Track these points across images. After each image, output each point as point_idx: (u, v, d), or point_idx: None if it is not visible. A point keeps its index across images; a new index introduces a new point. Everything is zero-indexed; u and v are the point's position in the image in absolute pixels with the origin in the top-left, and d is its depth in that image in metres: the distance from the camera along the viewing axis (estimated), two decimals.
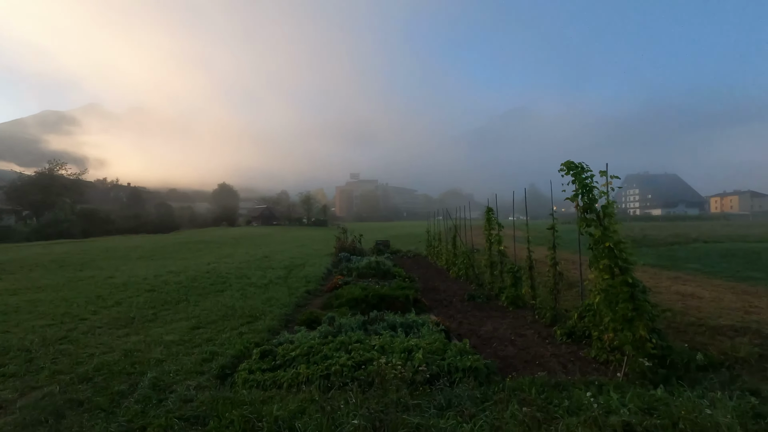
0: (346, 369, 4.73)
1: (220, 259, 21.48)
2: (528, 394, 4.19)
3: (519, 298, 10.25)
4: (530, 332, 7.85)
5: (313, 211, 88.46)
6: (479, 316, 9.43)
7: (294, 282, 13.81)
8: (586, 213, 5.58)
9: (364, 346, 5.35)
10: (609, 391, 4.28)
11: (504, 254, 11.92)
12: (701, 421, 3.15)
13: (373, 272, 15.90)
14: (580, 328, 7.21)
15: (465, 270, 15.51)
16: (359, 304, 9.66)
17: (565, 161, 5.71)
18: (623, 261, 5.34)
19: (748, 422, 3.33)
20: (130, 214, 70.67)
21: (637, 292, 5.26)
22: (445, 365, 4.81)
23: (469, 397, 3.80)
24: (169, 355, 6.11)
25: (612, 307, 5.32)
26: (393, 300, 9.87)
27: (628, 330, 5.23)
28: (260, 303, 10.31)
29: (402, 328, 6.85)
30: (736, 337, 6.77)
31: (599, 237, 5.47)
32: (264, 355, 5.60)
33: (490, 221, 12.78)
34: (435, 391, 3.97)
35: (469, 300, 11.25)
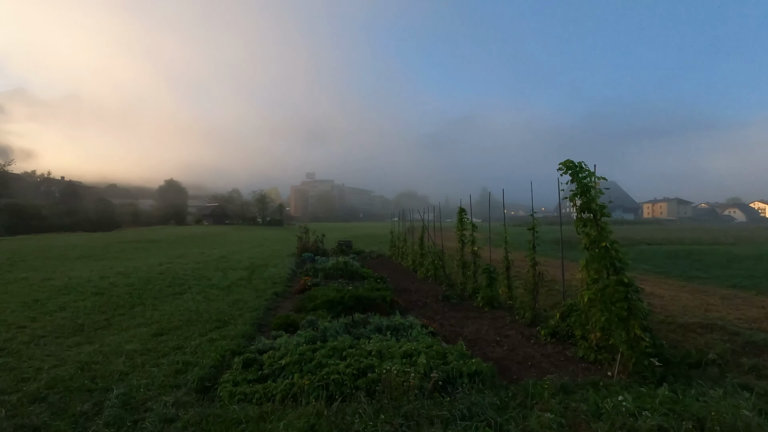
0: (346, 378, 4.36)
1: (173, 259, 20.05)
2: (541, 399, 4.05)
3: (495, 299, 10.28)
4: (513, 333, 7.83)
5: (268, 210, 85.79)
6: (458, 317, 9.32)
7: (259, 283, 13.08)
8: (583, 213, 5.58)
9: (359, 351, 4.99)
10: (617, 393, 4.24)
11: (477, 255, 11.97)
12: (729, 420, 3.12)
13: (340, 273, 15.49)
14: (563, 328, 7.27)
15: (434, 271, 15.46)
16: (335, 307, 9.24)
17: (564, 160, 5.68)
18: (619, 261, 5.38)
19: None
20: (65, 210, 64.80)
21: (632, 292, 5.31)
22: (449, 370, 4.57)
23: (490, 405, 3.58)
24: (133, 366, 5.42)
25: (608, 307, 5.33)
26: (370, 302, 9.53)
27: (623, 329, 5.26)
28: (226, 306, 9.61)
29: (389, 332, 6.57)
30: (705, 334, 7.11)
31: (596, 237, 5.49)
32: (247, 364, 5.09)
33: (463, 222, 12.80)
34: (453, 399, 3.71)
35: (443, 300, 11.15)
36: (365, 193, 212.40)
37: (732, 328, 7.30)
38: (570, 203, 5.84)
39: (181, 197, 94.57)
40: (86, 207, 70.55)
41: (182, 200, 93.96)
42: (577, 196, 5.58)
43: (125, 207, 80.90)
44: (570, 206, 6.32)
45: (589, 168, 5.56)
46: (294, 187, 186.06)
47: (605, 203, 5.97)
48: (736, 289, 11.84)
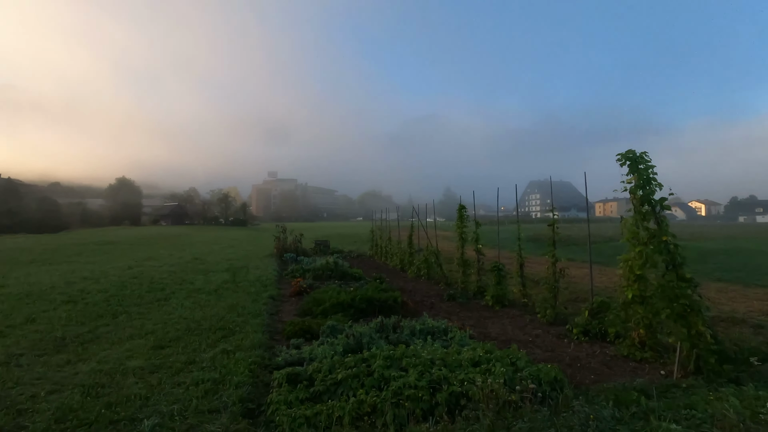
0: (422, 393, 3.84)
1: (141, 262, 18.50)
2: (635, 404, 3.73)
3: (504, 297, 10.05)
4: (540, 332, 7.58)
5: (231, 210, 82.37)
6: (473, 316, 8.99)
7: (247, 286, 12.19)
8: (643, 206, 5.36)
9: (420, 361, 4.48)
10: (706, 395, 4.00)
11: (481, 252, 11.73)
12: None
13: (330, 273, 14.85)
14: (594, 325, 7.09)
15: (426, 269, 15.14)
16: (346, 309, 8.67)
17: (625, 151, 5.44)
18: (679, 257, 5.19)
19: None
20: (4, 211, 59.11)
21: (692, 288, 5.15)
22: (527, 377, 4.16)
23: (611, 417, 3.21)
24: (150, 388, 4.61)
25: (669, 303, 5.12)
26: (381, 303, 9.04)
27: (684, 326, 5.08)
28: (224, 312, 8.76)
29: (428, 336, 6.09)
30: (730, 327, 7.16)
31: (655, 231, 5.28)
32: (293, 380, 4.44)
33: (463, 219, 12.52)
34: (571, 412, 3.29)
35: (449, 300, 10.81)
36: (329, 193, 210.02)
37: (753, 320, 7.42)
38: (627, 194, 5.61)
39: (135, 196, 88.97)
40: (28, 207, 64.78)
41: (136, 200, 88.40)
42: (639, 189, 5.34)
43: (72, 207, 74.90)
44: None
45: (648, 159, 5.34)
46: (256, 186, 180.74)
47: None
48: (723, 283, 12.32)
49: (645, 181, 5.30)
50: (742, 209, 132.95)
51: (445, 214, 41.22)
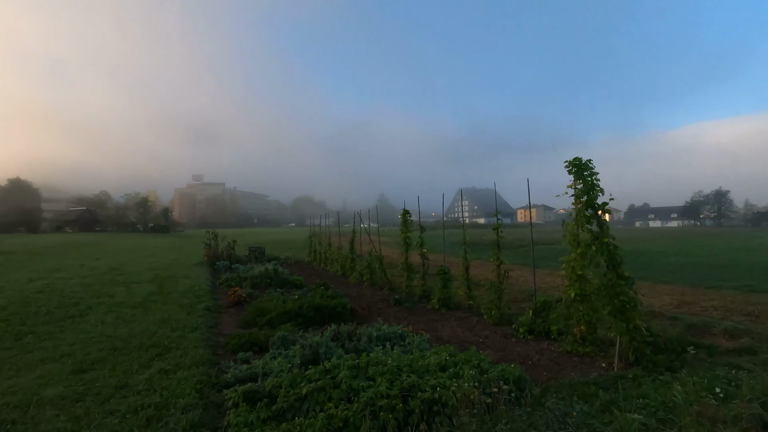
0: (396, 401, 3.71)
1: (47, 274, 16.22)
2: (594, 398, 3.93)
3: (450, 300, 10.28)
4: (488, 332, 7.82)
5: (151, 215, 75.77)
6: (422, 320, 9.05)
7: (179, 298, 11.19)
8: (587, 210, 5.73)
9: (387, 368, 4.34)
10: (651, 384, 4.34)
11: (426, 257, 11.89)
12: None
13: (270, 281, 14.22)
14: (538, 324, 7.47)
15: (369, 275, 15.06)
16: (294, 319, 8.29)
17: (572, 158, 5.78)
18: (618, 257, 5.63)
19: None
20: None
21: (629, 285, 5.60)
22: (493, 379, 4.21)
23: (581, 412, 3.32)
24: (76, 420, 3.96)
25: (611, 300, 5.52)
26: (330, 311, 8.76)
27: (623, 320, 5.50)
28: (155, 327, 7.92)
29: (387, 342, 5.98)
30: (651, 320, 7.92)
31: (598, 233, 5.67)
32: (251, 397, 4.08)
33: (407, 224, 12.65)
34: (546, 410, 3.33)
35: (395, 305, 10.82)
36: (260, 198, 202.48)
37: (668, 313, 8.29)
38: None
39: (33, 200, 78.60)
40: None
41: (34, 204, 78.11)
42: (584, 194, 5.71)
43: None
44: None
45: (593, 167, 5.73)
46: (179, 189, 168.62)
47: None
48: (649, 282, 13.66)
49: (589, 187, 5.70)
50: (638, 215, 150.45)
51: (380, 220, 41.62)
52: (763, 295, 10.31)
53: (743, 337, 6.53)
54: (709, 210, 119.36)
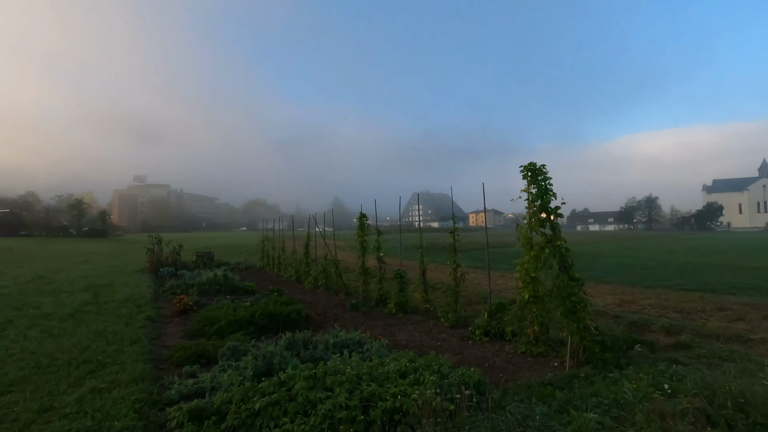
0: (356, 413, 3.55)
1: None
2: (551, 398, 4.00)
3: (407, 304, 10.26)
4: (445, 336, 7.85)
5: (86, 218, 70.08)
6: (381, 324, 8.95)
7: (116, 308, 10.33)
8: (541, 213, 5.88)
9: (345, 378, 4.16)
10: (602, 382, 4.49)
11: (383, 261, 11.81)
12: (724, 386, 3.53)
13: (219, 288, 13.55)
14: (494, 326, 7.60)
15: (325, 279, 14.76)
16: (246, 327, 7.89)
17: (527, 163, 5.91)
18: (570, 259, 5.82)
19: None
20: None
21: (579, 286, 5.80)
22: (454, 383, 4.16)
23: (541, 413, 3.33)
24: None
25: (563, 301, 5.69)
26: (284, 318, 8.44)
27: (574, 321, 5.69)
28: (88, 341, 7.22)
29: (344, 350, 5.80)
30: (596, 319, 8.31)
31: (551, 236, 5.84)
32: (197, 415, 3.75)
33: (363, 228, 12.52)
34: (505, 412, 3.30)
35: (352, 310, 10.64)
36: (209, 201, 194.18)
37: (612, 312, 8.74)
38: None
39: None
40: None
41: None
42: (538, 198, 5.86)
43: None
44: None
45: (546, 172, 5.90)
46: (119, 191, 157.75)
47: None
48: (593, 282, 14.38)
49: (543, 191, 5.86)
50: (579, 220, 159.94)
51: (335, 224, 41.17)
52: (692, 293, 11.18)
53: (679, 333, 7.00)
54: (640, 215, 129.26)
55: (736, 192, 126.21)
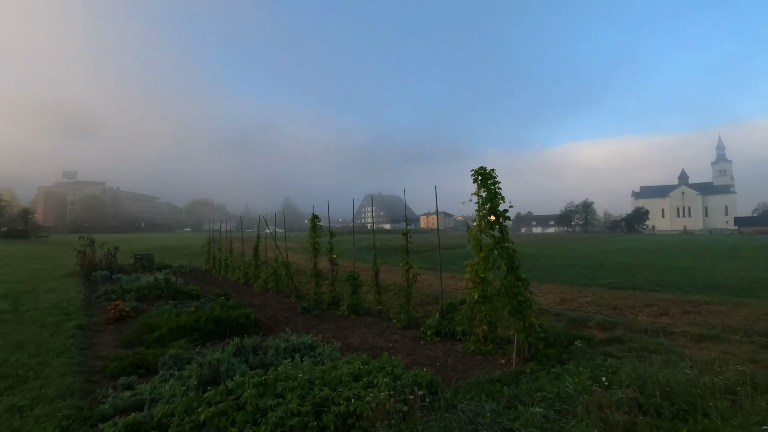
0: (308, 419, 3.46)
1: None
2: (500, 395, 4.14)
3: (359, 305, 10.24)
4: (398, 337, 7.90)
5: (5, 217, 63.25)
6: (333, 327, 8.85)
7: (40, 316, 9.41)
8: (490, 216, 6.08)
9: (299, 382, 4.06)
10: (546, 377, 4.72)
11: (335, 263, 11.69)
12: (655, 376, 3.84)
13: (160, 292, 12.80)
14: (445, 326, 7.76)
15: (275, 282, 14.38)
16: (190, 334, 7.49)
17: (478, 167, 6.08)
18: (517, 260, 6.07)
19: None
20: None
21: (525, 286, 6.07)
22: (407, 384, 4.19)
23: (490, 410, 3.42)
24: None
25: (510, 300, 5.92)
26: (232, 323, 8.11)
27: (520, 319, 5.94)
28: (5, 354, 6.51)
29: (296, 354, 5.66)
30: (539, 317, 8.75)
31: (499, 238, 6.05)
32: (135, 430, 3.49)
33: (316, 229, 12.33)
34: (457, 410, 3.36)
35: (303, 313, 10.46)
36: (149, 200, 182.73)
37: (553, 310, 9.23)
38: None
39: None
40: None
41: None
42: (488, 201, 6.05)
43: None
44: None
45: (495, 176, 6.11)
46: (44, 188, 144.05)
47: None
48: (536, 282, 15.09)
49: (492, 195, 6.08)
50: (523, 222, 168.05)
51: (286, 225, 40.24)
52: (623, 291, 12.08)
53: (613, 328, 7.53)
54: (578, 218, 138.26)
55: (660, 198, 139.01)
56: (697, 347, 6.36)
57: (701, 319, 8.24)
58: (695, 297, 10.64)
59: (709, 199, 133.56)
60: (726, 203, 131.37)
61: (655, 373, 3.94)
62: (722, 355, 5.67)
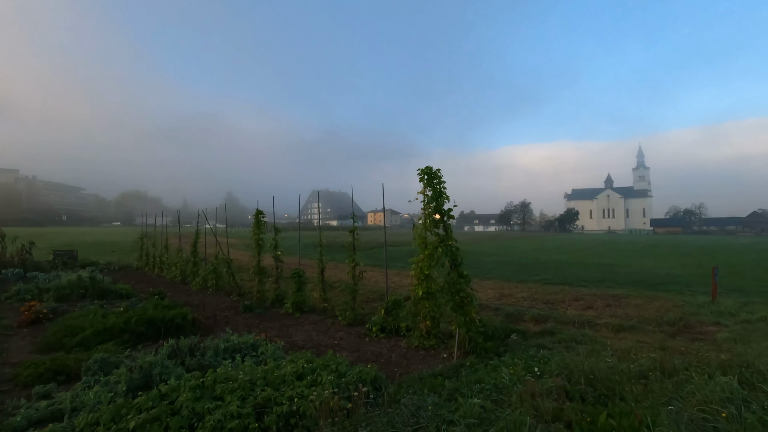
0: (249, 421, 3.35)
1: None
2: (441, 388, 4.29)
3: (304, 303, 10.09)
4: (343, 334, 7.89)
5: None
6: (276, 326, 8.64)
7: None
8: (435, 215, 6.23)
9: (239, 383, 3.92)
10: (484, 369, 4.95)
11: (280, 260, 11.41)
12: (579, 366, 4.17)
13: (84, 292, 11.83)
14: (390, 322, 7.86)
15: (215, 280, 13.77)
16: (119, 336, 6.97)
17: (424, 167, 6.19)
18: (460, 257, 6.28)
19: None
20: None
21: (467, 282, 6.30)
22: (352, 381, 4.20)
23: (432, 403, 3.52)
24: None
25: (453, 296, 6.13)
26: (167, 324, 7.67)
27: (461, 314, 6.17)
28: None
29: (237, 355, 5.46)
30: (480, 312, 9.15)
31: (444, 236, 6.23)
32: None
33: (260, 225, 11.98)
34: (400, 405, 3.41)
35: (246, 312, 10.11)
36: (72, 191, 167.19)
37: (492, 305, 9.69)
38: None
39: None
40: None
41: None
42: (433, 200, 6.19)
43: None
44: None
45: (441, 176, 6.27)
46: None
47: None
48: (477, 278, 15.69)
49: (438, 194, 6.24)
50: (466, 221, 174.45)
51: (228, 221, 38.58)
52: (555, 286, 12.95)
53: (545, 321, 8.05)
54: (516, 218, 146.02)
55: (588, 200, 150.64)
56: (617, 337, 6.98)
57: (621, 312, 9.04)
58: (616, 291, 11.66)
59: (630, 202, 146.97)
60: (644, 206, 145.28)
61: (581, 362, 4.28)
62: (638, 343, 6.26)
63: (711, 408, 3.20)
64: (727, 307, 8.94)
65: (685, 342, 6.50)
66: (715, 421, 3.02)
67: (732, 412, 3.15)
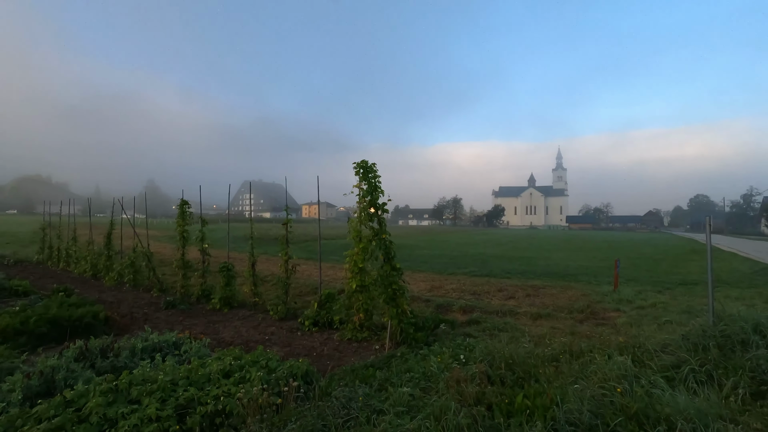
0: (169, 423, 3.16)
1: None
2: (372, 379, 4.37)
3: (233, 298, 9.70)
4: (274, 329, 7.71)
5: None
6: (202, 323, 8.22)
7: None
8: (370, 208, 6.28)
9: (159, 385, 3.66)
10: (415, 359, 5.13)
11: (207, 253, 10.82)
12: (502, 351, 4.48)
13: None
14: (323, 316, 7.82)
15: (133, 275, 12.72)
16: (15, 338, 6.20)
17: (359, 161, 6.17)
18: (393, 251, 6.40)
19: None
20: None
21: (399, 275, 6.45)
22: (282, 376, 4.13)
23: (364, 394, 3.56)
24: None
25: (385, 289, 6.24)
26: (76, 323, 6.96)
27: (394, 306, 6.31)
28: None
29: (157, 354, 5.10)
30: (412, 303, 9.42)
31: (378, 230, 6.30)
32: None
33: (185, 216, 11.24)
34: (331, 397, 3.39)
35: (168, 308, 9.48)
36: None
37: (424, 297, 10.02)
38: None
39: None
40: None
41: None
42: (368, 194, 6.23)
43: None
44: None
45: (376, 170, 6.32)
46: None
47: None
48: (410, 271, 16.04)
49: (372, 188, 6.29)
50: (401, 215, 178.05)
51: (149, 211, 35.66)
52: (481, 278, 13.70)
53: (472, 311, 8.50)
54: (448, 213, 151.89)
55: (513, 198, 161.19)
56: (535, 324, 7.57)
57: (539, 301, 9.81)
58: (535, 282, 12.62)
59: (549, 200, 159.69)
60: (561, 204, 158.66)
61: (502, 348, 4.59)
62: (552, 329, 6.85)
63: (609, 384, 3.61)
64: (626, 295, 10.07)
65: (591, 327, 7.23)
66: (611, 395, 3.40)
67: (625, 387, 3.57)
